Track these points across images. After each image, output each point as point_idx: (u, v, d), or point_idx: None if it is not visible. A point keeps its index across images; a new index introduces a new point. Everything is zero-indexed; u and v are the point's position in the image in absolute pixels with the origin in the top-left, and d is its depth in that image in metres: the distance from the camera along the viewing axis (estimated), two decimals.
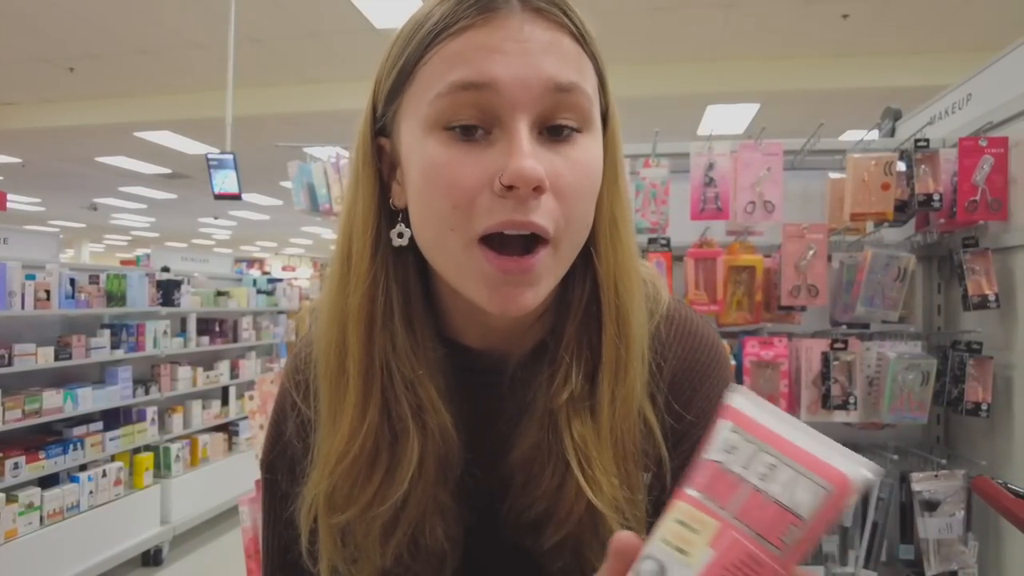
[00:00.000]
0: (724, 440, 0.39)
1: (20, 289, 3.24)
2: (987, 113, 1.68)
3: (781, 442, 0.38)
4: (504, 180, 0.46)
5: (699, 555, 0.37)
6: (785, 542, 0.37)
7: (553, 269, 0.51)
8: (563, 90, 0.48)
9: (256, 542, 2.03)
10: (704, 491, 0.39)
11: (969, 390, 1.63)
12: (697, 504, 0.39)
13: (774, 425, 0.39)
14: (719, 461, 0.39)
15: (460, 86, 0.47)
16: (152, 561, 4.05)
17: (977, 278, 1.62)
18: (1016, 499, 0.84)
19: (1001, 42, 1.74)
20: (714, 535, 0.37)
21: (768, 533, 0.37)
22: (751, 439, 0.39)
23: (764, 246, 1.86)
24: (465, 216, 0.48)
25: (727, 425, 0.40)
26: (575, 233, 0.51)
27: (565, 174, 0.48)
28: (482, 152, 0.48)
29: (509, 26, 0.47)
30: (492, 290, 0.49)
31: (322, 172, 2.19)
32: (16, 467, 3.19)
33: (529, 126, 0.47)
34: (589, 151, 0.50)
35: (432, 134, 0.49)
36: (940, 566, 1.60)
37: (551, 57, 0.48)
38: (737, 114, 6.67)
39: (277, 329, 5.64)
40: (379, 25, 5.07)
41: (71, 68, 6.01)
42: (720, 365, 0.63)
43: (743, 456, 0.38)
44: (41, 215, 14.59)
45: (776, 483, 0.37)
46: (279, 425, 0.64)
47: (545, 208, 0.48)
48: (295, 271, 19.43)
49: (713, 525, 0.38)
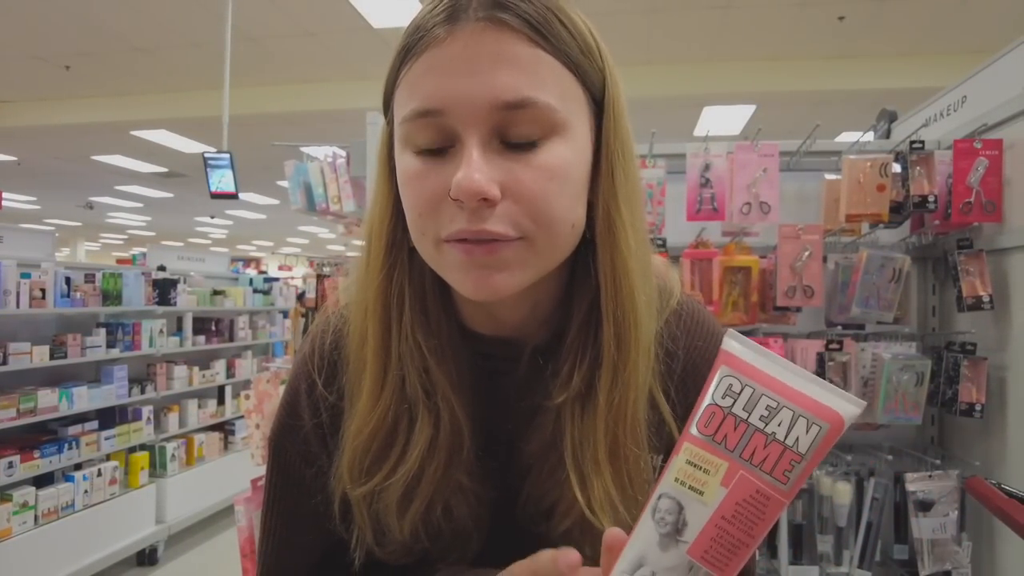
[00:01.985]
0: (725, 385, 0.43)
1: (15, 288, 3.23)
2: (982, 115, 1.69)
3: (777, 384, 0.43)
4: (451, 194, 0.48)
5: (713, 493, 0.42)
6: (789, 477, 0.41)
7: (529, 260, 0.52)
8: (513, 107, 0.48)
9: (252, 542, 2.03)
10: (711, 434, 0.43)
11: (963, 391, 1.64)
12: (706, 446, 0.43)
13: (768, 368, 0.43)
14: (722, 405, 0.43)
15: (417, 113, 0.50)
16: (147, 561, 4.04)
17: (971, 279, 1.63)
18: (1009, 499, 0.85)
19: (996, 44, 1.75)
20: (725, 474, 0.42)
21: (774, 470, 0.41)
22: (750, 383, 0.43)
23: (760, 247, 1.86)
24: (431, 222, 0.51)
25: (725, 371, 0.44)
26: (551, 232, 0.51)
27: (525, 180, 0.49)
28: (443, 166, 0.50)
29: (462, 42, 0.48)
30: (464, 274, 0.51)
31: (319, 171, 2.19)
32: (10, 466, 3.18)
33: (482, 139, 0.49)
34: (556, 154, 0.50)
35: (406, 150, 0.52)
36: (934, 566, 1.61)
37: (503, 71, 0.48)
38: (733, 115, 6.68)
39: (273, 328, 5.64)
40: (376, 25, 5.06)
41: (67, 66, 5.99)
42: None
43: (744, 400, 0.42)
44: (36, 213, 14.54)
45: (777, 424, 0.41)
46: (292, 405, 0.66)
47: (502, 214, 0.49)
48: (292, 270, 19.41)
49: (723, 466, 0.42)
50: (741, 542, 0.41)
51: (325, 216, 2.28)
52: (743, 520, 0.41)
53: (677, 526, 0.42)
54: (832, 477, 1.72)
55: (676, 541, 0.42)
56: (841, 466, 1.75)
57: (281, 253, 24.31)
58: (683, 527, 0.42)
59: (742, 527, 0.41)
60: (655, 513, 0.43)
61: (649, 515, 0.43)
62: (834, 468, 1.75)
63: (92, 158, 8.83)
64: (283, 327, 5.71)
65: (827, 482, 1.72)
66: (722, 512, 0.41)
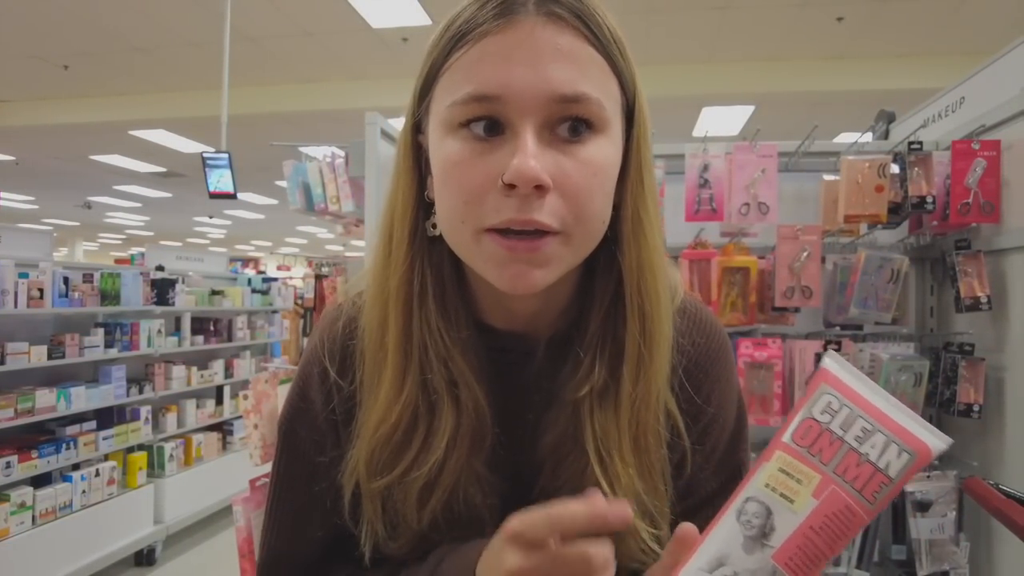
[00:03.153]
0: (824, 402, 0.45)
1: (13, 287, 3.23)
2: (980, 116, 1.69)
3: (873, 409, 0.44)
4: (505, 179, 0.48)
5: (803, 503, 0.43)
6: (876, 498, 0.43)
7: (564, 257, 0.52)
8: (569, 100, 0.49)
9: (250, 542, 2.03)
10: (808, 446, 0.44)
11: (961, 391, 1.64)
12: (801, 457, 0.44)
13: (865, 392, 0.45)
14: (820, 421, 0.45)
15: (472, 98, 0.49)
16: (145, 561, 4.04)
17: (969, 280, 1.63)
18: (1007, 500, 0.85)
19: (994, 46, 1.75)
20: (817, 486, 0.43)
21: (864, 489, 0.43)
22: (848, 404, 0.45)
23: (758, 247, 1.86)
24: (475, 211, 0.51)
25: (826, 389, 0.45)
26: (587, 229, 0.52)
27: (572, 174, 0.50)
28: (492, 152, 0.50)
29: (521, 33, 0.49)
30: (501, 268, 0.51)
31: (317, 171, 2.18)
32: (8, 466, 3.17)
33: (536, 128, 0.49)
34: (601, 151, 0.51)
35: (450, 134, 0.52)
36: (932, 566, 1.61)
37: (560, 65, 0.49)
38: (732, 116, 6.68)
39: (272, 329, 5.63)
40: (375, 25, 5.07)
41: (65, 66, 5.99)
42: (728, 353, 0.69)
43: (841, 419, 0.44)
44: (35, 213, 14.52)
45: (871, 446, 0.43)
46: (304, 391, 0.66)
47: (550, 207, 0.50)
48: (290, 270, 19.39)
49: (816, 478, 0.43)
50: (823, 553, 0.43)
51: (324, 216, 2.28)
52: (828, 532, 0.42)
53: (764, 530, 0.43)
54: None
55: (762, 545, 0.43)
56: None
57: (280, 253, 24.30)
58: (770, 532, 0.43)
59: (826, 539, 0.42)
60: (740, 515, 0.44)
61: (733, 516, 0.44)
62: None
63: (90, 158, 8.82)
64: (281, 327, 5.70)
65: None
66: (811, 522, 0.43)
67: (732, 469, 0.67)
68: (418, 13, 4.83)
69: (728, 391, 0.67)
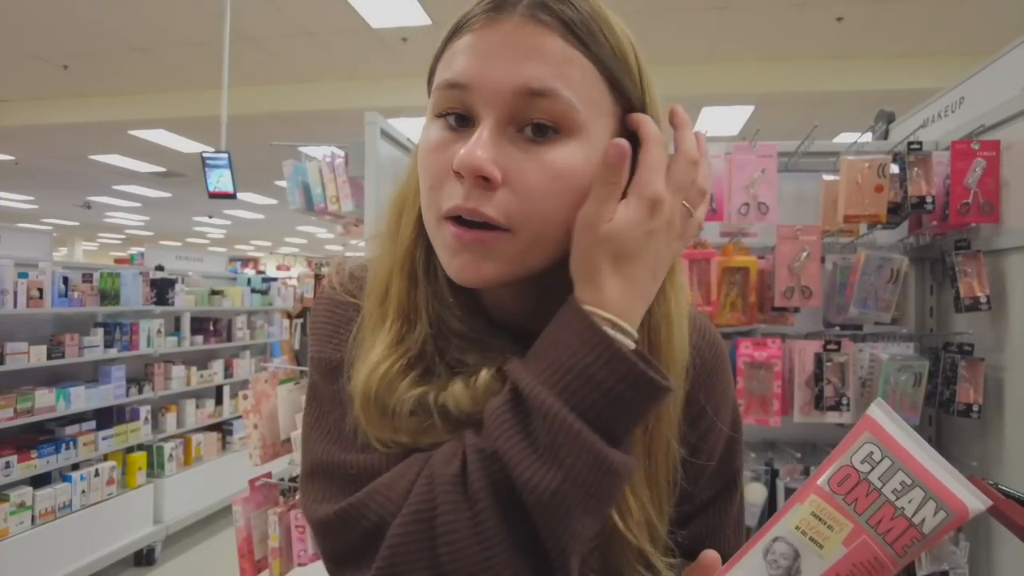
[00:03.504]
0: (865, 451, 0.45)
1: (12, 287, 3.23)
2: (979, 116, 1.69)
3: (914, 463, 0.44)
4: (453, 166, 0.50)
5: (832, 550, 0.43)
6: (906, 552, 0.42)
7: (512, 255, 0.51)
8: (535, 95, 0.49)
9: (249, 542, 2.03)
10: (844, 494, 0.44)
11: (961, 391, 1.64)
12: (835, 504, 0.44)
13: (908, 445, 0.45)
14: (859, 470, 0.44)
15: (447, 84, 0.51)
16: (145, 561, 4.04)
17: (969, 280, 1.63)
18: (1007, 500, 0.85)
19: (993, 46, 1.75)
20: (848, 535, 0.43)
21: (895, 543, 0.42)
22: (889, 455, 0.44)
23: (758, 247, 1.86)
24: (436, 196, 0.52)
25: (868, 437, 0.45)
26: (538, 231, 0.51)
27: (528, 173, 0.50)
28: (456, 142, 0.51)
29: (504, 30, 0.50)
30: (452, 256, 0.52)
31: (317, 171, 2.18)
32: (8, 466, 3.17)
33: (497, 122, 0.50)
34: (564, 154, 0.50)
35: (431, 122, 0.54)
36: (931, 566, 1.61)
37: (534, 63, 0.49)
38: (732, 116, 6.68)
39: (271, 329, 5.63)
40: (375, 25, 5.06)
41: (65, 65, 5.98)
42: (727, 363, 0.68)
43: (881, 470, 0.44)
44: (34, 213, 14.51)
45: (907, 500, 0.43)
46: (324, 329, 0.62)
47: (499, 201, 0.50)
48: (290, 270, 19.39)
49: (848, 526, 0.43)
50: None
51: (323, 216, 2.28)
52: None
53: (790, 572, 0.43)
54: None
55: None
56: None
57: (279, 253, 24.29)
58: (796, 574, 0.43)
59: None
60: (767, 554, 0.44)
61: (760, 553, 0.44)
62: None
63: (90, 158, 8.81)
64: (281, 327, 5.70)
65: None
66: (837, 569, 0.43)
67: (727, 478, 0.67)
68: (418, 13, 4.83)
69: (725, 400, 0.67)
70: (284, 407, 2.07)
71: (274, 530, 2.00)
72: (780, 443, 1.88)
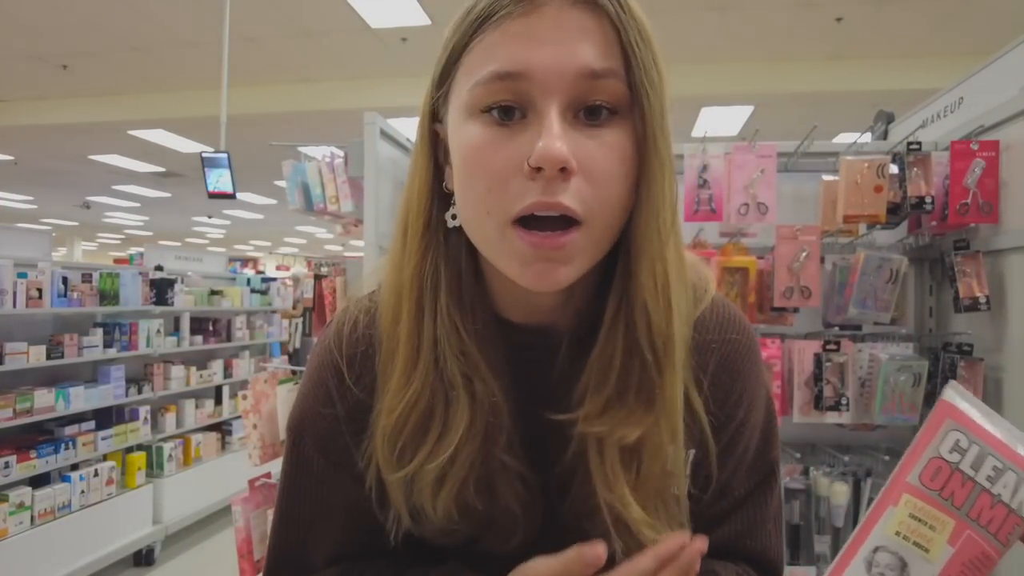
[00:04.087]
0: (952, 440, 0.42)
1: (12, 287, 3.22)
2: (978, 117, 1.69)
3: (1000, 444, 0.41)
4: (531, 161, 0.47)
5: (940, 552, 0.40)
6: (1010, 540, 0.40)
7: (587, 249, 0.51)
8: (598, 76, 0.48)
9: (249, 542, 2.03)
10: (938, 489, 0.41)
11: None
12: (931, 501, 0.41)
13: (988, 425, 0.42)
14: (950, 461, 0.41)
15: (497, 76, 0.48)
16: (144, 561, 4.03)
17: (968, 280, 1.63)
18: None
19: (993, 46, 1.75)
20: (952, 533, 0.40)
21: (998, 532, 0.40)
22: (977, 441, 0.41)
23: (757, 248, 1.86)
24: (499, 198, 0.49)
25: (952, 424, 0.42)
26: (608, 215, 0.51)
27: (597, 157, 0.49)
28: (515, 136, 0.49)
29: (546, 15, 0.48)
30: (525, 266, 0.50)
31: (316, 171, 2.18)
32: (7, 466, 3.17)
33: (561, 110, 0.48)
34: (623, 136, 0.50)
35: (471, 119, 0.50)
36: None
37: (587, 44, 0.48)
38: (731, 116, 6.68)
39: (271, 329, 5.63)
40: (374, 24, 5.06)
41: (64, 65, 5.98)
42: (756, 351, 0.66)
43: (971, 457, 0.41)
44: (33, 213, 14.50)
45: (1003, 485, 0.40)
46: (315, 391, 0.64)
47: (575, 190, 0.48)
48: (289, 270, 19.38)
49: (950, 523, 0.40)
50: None
51: (323, 216, 2.28)
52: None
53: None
54: (829, 478, 1.73)
55: None
56: (838, 467, 1.76)
57: (279, 253, 24.29)
58: None
59: None
60: (872, 567, 0.41)
61: (862, 567, 0.41)
62: (831, 469, 1.75)
63: (89, 158, 8.81)
64: (280, 327, 5.70)
65: (824, 483, 1.73)
66: (948, 571, 0.40)
67: (765, 470, 0.65)
68: (417, 13, 4.83)
69: (758, 389, 0.65)
70: (283, 407, 2.07)
71: None
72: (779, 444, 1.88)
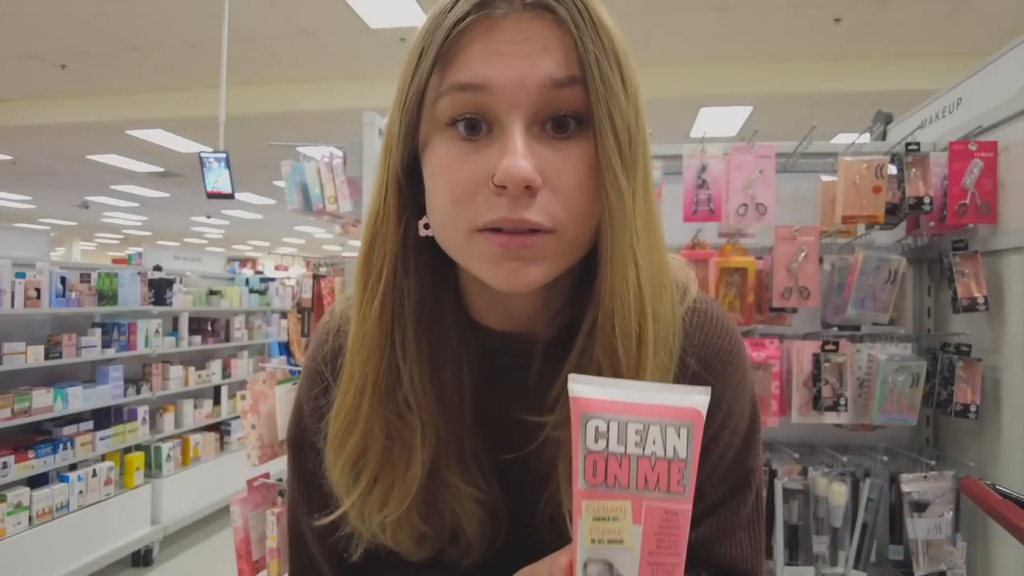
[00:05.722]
0: (592, 429, 0.42)
1: (10, 287, 3.22)
2: (977, 117, 1.69)
3: (634, 408, 0.43)
4: (495, 180, 0.47)
5: (631, 536, 0.41)
6: (684, 486, 0.42)
7: (557, 253, 0.51)
8: (561, 85, 0.48)
9: (247, 543, 2.02)
10: (603, 481, 0.42)
11: (958, 392, 1.64)
12: (604, 495, 0.42)
13: (618, 394, 0.43)
14: (599, 450, 0.42)
15: (458, 87, 0.48)
16: (142, 561, 4.03)
17: (967, 281, 1.64)
18: (1004, 500, 0.85)
19: (991, 47, 1.75)
20: (632, 512, 0.41)
21: (670, 486, 0.41)
22: (611, 417, 0.42)
23: (756, 248, 1.86)
24: (465, 211, 0.49)
25: (586, 416, 0.43)
26: (580, 227, 0.51)
27: (565, 171, 0.49)
28: (480, 151, 0.49)
29: (507, 27, 0.48)
30: (495, 265, 0.50)
31: (315, 171, 2.18)
32: (5, 467, 3.16)
33: (526, 123, 0.48)
34: (589, 147, 0.50)
35: (438, 133, 0.50)
36: (929, 566, 1.61)
37: (547, 54, 0.48)
38: (730, 116, 6.69)
39: (269, 329, 5.62)
40: (373, 25, 5.06)
41: (63, 65, 5.97)
42: (741, 354, 0.65)
43: (615, 435, 0.42)
44: (31, 213, 14.48)
45: (652, 442, 0.42)
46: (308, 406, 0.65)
47: (541, 204, 0.48)
48: (288, 270, 19.37)
49: (627, 505, 0.41)
50: (675, 564, 0.42)
51: (321, 216, 2.27)
52: (667, 545, 0.42)
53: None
54: (828, 478, 1.73)
55: None
56: (837, 467, 1.76)
57: (277, 253, 24.27)
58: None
59: (668, 550, 0.42)
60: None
61: None
62: (830, 469, 1.75)
63: (88, 157, 8.80)
64: (279, 328, 5.70)
65: (823, 483, 1.73)
66: (647, 548, 0.41)
67: (742, 476, 0.63)
68: (416, 13, 4.84)
69: (740, 394, 0.64)
70: (282, 407, 2.07)
71: (272, 530, 2.00)
72: (778, 444, 1.88)
